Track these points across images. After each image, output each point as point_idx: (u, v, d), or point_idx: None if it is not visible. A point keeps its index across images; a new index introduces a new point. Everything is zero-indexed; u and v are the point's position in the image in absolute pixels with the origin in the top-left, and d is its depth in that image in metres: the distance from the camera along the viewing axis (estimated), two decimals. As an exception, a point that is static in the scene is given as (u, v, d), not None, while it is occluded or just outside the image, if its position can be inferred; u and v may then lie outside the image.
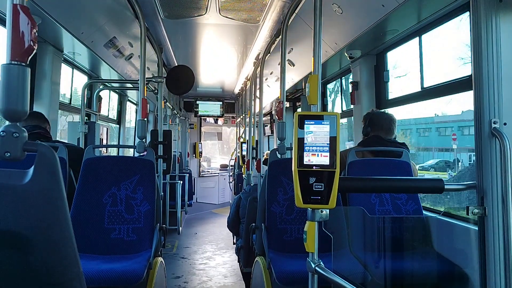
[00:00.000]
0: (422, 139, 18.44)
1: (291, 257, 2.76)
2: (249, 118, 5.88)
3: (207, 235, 7.52)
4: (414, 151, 14.47)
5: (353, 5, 2.98)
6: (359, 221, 2.50)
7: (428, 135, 18.69)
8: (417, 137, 17.97)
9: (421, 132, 18.55)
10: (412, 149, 13.48)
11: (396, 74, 3.52)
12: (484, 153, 1.66)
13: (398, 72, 4.15)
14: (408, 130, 16.75)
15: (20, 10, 0.97)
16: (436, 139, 18.07)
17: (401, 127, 13.88)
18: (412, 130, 16.92)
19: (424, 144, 18.27)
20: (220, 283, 4.78)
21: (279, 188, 3.07)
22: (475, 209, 1.67)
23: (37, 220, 0.89)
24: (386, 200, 2.98)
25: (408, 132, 15.39)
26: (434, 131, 18.31)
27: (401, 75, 4.26)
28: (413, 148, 13.89)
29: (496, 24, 1.67)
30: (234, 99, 9.69)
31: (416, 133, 18.00)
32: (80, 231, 2.76)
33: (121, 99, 6.66)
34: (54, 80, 3.77)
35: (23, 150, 0.95)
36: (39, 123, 3.16)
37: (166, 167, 3.95)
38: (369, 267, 2.37)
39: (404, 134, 13.93)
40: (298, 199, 1.66)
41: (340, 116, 1.77)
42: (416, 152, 14.38)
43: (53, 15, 2.89)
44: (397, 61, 3.74)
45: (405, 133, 14.50)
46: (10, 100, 0.97)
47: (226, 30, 4.28)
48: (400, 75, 3.92)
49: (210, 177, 10.98)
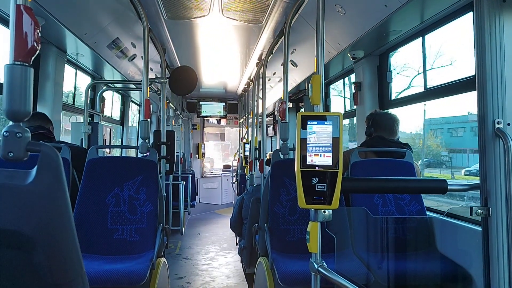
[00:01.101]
0: (454, 139, 16.90)
1: (294, 257, 2.76)
2: (252, 119, 5.88)
3: (210, 236, 7.52)
4: (447, 152, 13.65)
5: (356, 6, 2.97)
6: (362, 221, 2.50)
7: (462, 135, 17.01)
8: (449, 137, 16.69)
9: (453, 132, 17.80)
10: (444, 150, 12.72)
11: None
12: (488, 154, 1.66)
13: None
14: (439, 129, 15.69)
15: (23, 10, 0.97)
16: (471, 139, 16.44)
17: (430, 126, 13.17)
18: (443, 129, 15.85)
19: (457, 145, 16.83)
20: (223, 283, 4.78)
21: (282, 189, 3.06)
22: (479, 210, 1.66)
23: (40, 220, 0.89)
24: (389, 200, 2.97)
25: (439, 132, 14.51)
26: (469, 130, 16.66)
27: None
28: (444, 150, 13.11)
29: (499, 24, 1.66)
30: (237, 99, 9.69)
31: (448, 132, 16.87)
32: (83, 231, 2.76)
33: (124, 100, 6.67)
34: (58, 81, 3.78)
35: (26, 150, 0.96)
36: (43, 123, 3.17)
37: (169, 167, 3.95)
38: (372, 268, 2.37)
39: (434, 134, 13.14)
40: (301, 200, 1.65)
41: (343, 116, 1.77)
42: (448, 154, 13.52)
43: (57, 16, 2.90)
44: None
45: (435, 133, 13.64)
46: (13, 100, 0.97)
47: (229, 31, 4.28)
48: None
49: (213, 178, 10.98)
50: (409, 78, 5.43)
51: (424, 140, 12.85)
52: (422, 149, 12.20)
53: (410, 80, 5.27)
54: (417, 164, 3.20)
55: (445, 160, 13.38)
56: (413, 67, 5.23)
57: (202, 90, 8.52)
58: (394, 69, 3.91)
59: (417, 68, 4.64)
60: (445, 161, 12.75)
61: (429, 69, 3.26)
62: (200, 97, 9.52)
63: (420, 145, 11.98)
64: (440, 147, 13.15)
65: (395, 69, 3.43)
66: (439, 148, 13.39)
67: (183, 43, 4.86)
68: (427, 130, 12.10)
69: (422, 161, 11.77)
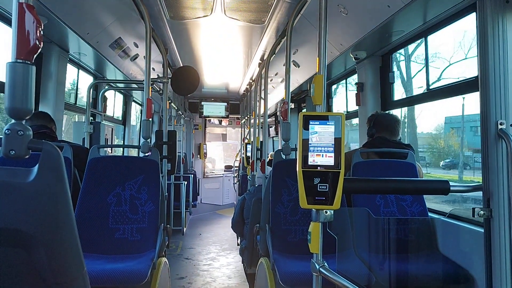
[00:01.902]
0: (478, 139, 16.15)
1: (295, 258, 2.75)
2: (253, 119, 5.87)
3: (211, 236, 7.52)
4: (470, 152, 12.96)
5: (359, 6, 2.97)
6: (363, 222, 2.49)
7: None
8: (472, 137, 15.96)
9: (476, 130, 16.64)
10: (468, 150, 12.09)
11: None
12: (491, 155, 1.65)
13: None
14: (460, 128, 14.95)
15: (25, 8, 0.98)
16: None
17: (450, 125, 12.62)
18: (465, 128, 15.06)
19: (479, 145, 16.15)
20: (224, 284, 4.78)
21: (284, 189, 3.06)
22: (481, 211, 1.66)
23: (41, 218, 0.89)
24: (391, 201, 2.97)
25: (461, 131, 13.81)
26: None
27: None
28: (468, 150, 12.46)
29: (502, 24, 1.66)
30: (238, 100, 9.68)
31: (471, 131, 16.20)
32: (85, 230, 2.76)
33: (126, 100, 6.68)
34: (60, 80, 3.78)
35: (27, 148, 0.96)
36: (45, 123, 3.17)
37: (171, 167, 3.95)
38: (374, 268, 2.37)
39: (456, 134, 12.45)
40: (302, 200, 1.65)
41: (345, 117, 1.76)
42: (472, 154, 12.82)
43: (59, 16, 2.90)
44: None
45: (457, 132, 12.89)
46: (15, 98, 0.97)
47: (231, 31, 4.28)
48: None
49: (214, 178, 10.98)
50: (438, 69, 5.26)
51: (444, 140, 12.12)
52: (443, 149, 11.57)
53: (441, 71, 5.13)
54: (419, 165, 3.20)
55: (469, 161, 12.65)
56: (444, 57, 5.11)
57: (204, 90, 8.52)
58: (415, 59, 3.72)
59: (449, 58, 4.54)
60: (469, 162, 12.18)
61: (462, 59, 3.14)
62: (202, 97, 9.52)
63: (441, 146, 11.43)
64: (464, 147, 12.52)
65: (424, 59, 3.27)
66: (463, 148, 12.72)
67: (186, 43, 4.87)
68: (448, 129, 11.56)
69: (445, 162, 11.14)
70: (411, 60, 3.81)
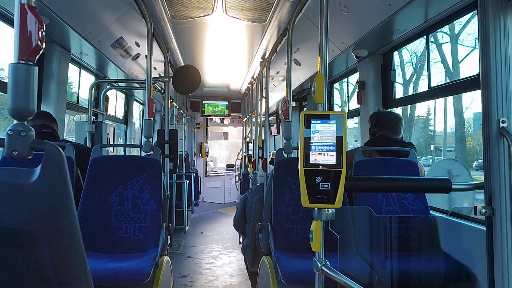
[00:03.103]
0: None
1: (297, 256, 2.76)
2: (255, 118, 5.88)
3: (214, 235, 7.53)
4: None
5: (360, 5, 2.97)
6: (365, 220, 2.50)
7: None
8: None
9: None
10: None
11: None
12: (492, 153, 1.65)
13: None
14: None
15: (27, 9, 0.98)
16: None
17: (479, 121, 12.00)
18: None
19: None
20: (226, 282, 4.79)
21: (285, 188, 3.06)
22: (483, 209, 1.66)
23: (44, 218, 0.89)
24: (393, 200, 2.97)
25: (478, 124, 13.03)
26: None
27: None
28: None
29: (504, 23, 1.65)
30: (240, 99, 9.69)
31: None
32: (87, 230, 2.77)
33: (128, 99, 6.68)
34: (62, 80, 3.79)
35: (30, 149, 0.96)
36: (47, 122, 3.18)
37: (173, 166, 3.95)
38: (376, 267, 2.37)
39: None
40: (304, 199, 1.65)
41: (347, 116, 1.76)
42: None
43: (61, 15, 2.91)
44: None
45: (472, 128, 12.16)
46: (17, 99, 0.97)
47: (233, 30, 4.28)
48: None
49: (216, 177, 10.99)
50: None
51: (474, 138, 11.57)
52: (473, 148, 11.07)
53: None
54: (421, 163, 3.19)
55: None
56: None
57: (205, 89, 8.53)
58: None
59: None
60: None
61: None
62: (203, 96, 9.53)
63: (472, 145, 11.00)
64: (481, 146, 11.90)
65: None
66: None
67: (187, 42, 4.87)
68: (477, 126, 11.07)
69: (478, 163, 10.48)
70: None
